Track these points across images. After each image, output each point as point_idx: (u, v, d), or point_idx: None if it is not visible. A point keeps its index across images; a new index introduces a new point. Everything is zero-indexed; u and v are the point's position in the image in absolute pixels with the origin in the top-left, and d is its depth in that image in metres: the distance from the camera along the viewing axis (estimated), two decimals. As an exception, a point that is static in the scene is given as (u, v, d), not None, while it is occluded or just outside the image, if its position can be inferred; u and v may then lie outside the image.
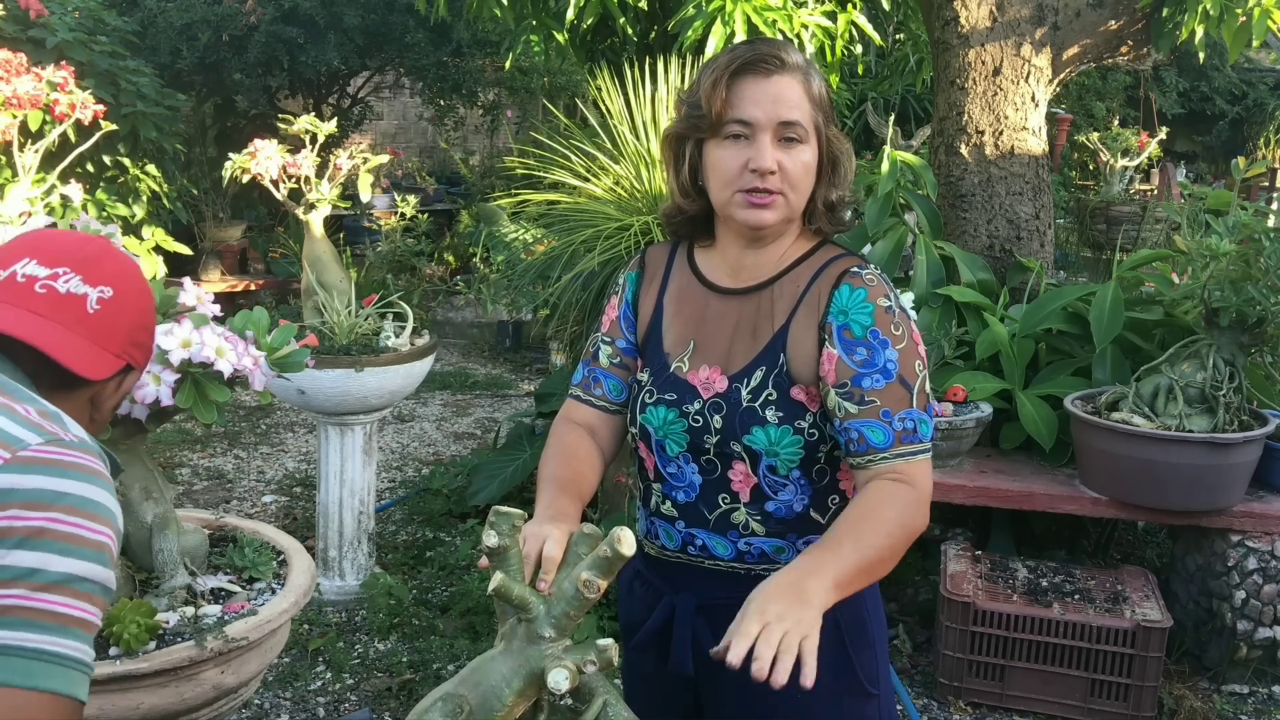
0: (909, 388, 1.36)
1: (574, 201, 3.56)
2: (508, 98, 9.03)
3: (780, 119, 1.36)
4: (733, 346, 1.44)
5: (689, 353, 1.46)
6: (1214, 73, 10.94)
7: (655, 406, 1.46)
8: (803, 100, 1.37)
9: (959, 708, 2.88)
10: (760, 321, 1.43)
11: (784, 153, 1.36)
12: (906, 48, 5.62)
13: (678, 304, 1.50)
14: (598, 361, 1.55)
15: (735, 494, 1.43)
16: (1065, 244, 7.33)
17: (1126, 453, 2.82)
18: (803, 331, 1.40)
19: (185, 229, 6.19)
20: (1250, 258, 2.79)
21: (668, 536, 1.49)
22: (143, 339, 1.26)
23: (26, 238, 1.26)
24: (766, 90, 1.36)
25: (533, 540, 1.24)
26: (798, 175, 1.38)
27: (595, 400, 1.54)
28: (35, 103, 3.71)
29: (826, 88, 1.42)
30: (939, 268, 3.48)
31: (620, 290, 1.57)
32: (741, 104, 1.36)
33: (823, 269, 1.42)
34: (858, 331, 1.37)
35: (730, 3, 3.44)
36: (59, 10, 5.03)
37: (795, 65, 1.38)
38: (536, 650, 1.16)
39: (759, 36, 1.42)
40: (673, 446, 1.45)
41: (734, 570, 1.45)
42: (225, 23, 6.82)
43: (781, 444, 1.39)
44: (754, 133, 1.36)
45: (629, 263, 1.60)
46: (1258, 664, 2.95)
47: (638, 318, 1.54)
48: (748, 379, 1.41)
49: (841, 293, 1.39)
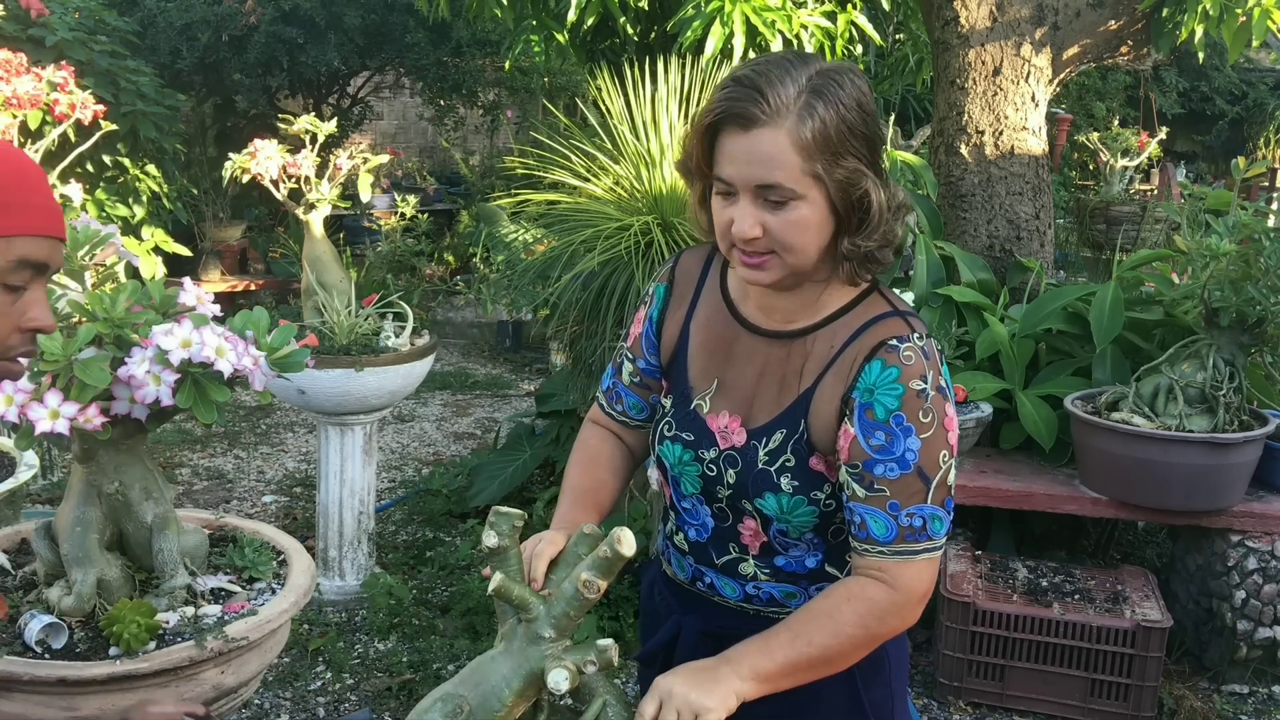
0: (927, 481, 1.23)
1: (574, 201, 3.56)
2: (508, 98, 9.03)
3: (756, 182, 1.19)
4: (756, 396, 1.34)
5: (712, 391, 1.37)
6: (1214, 73, 10.94)
7: (673, 442, 1.39)
8: (787, 155, 1.17)
9: (959, 708, 2.88)
10: (788, 375, 1.31)
11: (770, 214, 1.20)
12: (906, 48, 5.62)
13: (705, 333, 1.39)
14: (621, 376, 1.49)
15: (745, 547, 1.37)
16: (1065, 244, 7.33)
17: (1126, 453, 2.82)
18: (827, 401, 1.28)
19: (185, 229, 6.19)
20: (1250, 258, 2.79)
21: (679, 567, 1.47)
22: None
23: None
24: (742, 147, 1.19)
25: (529, 544, 1.25)
26: (789, 236, 1.21)
27: (616, 414, 1.50)
28: (35, 103, 3.70)
29: (842, 115, 1.19)
30: (939, 268, 3.48)
31: (647, 303, 1.46)
32: (720, 160, 1.22)
33: (860, 331, 1.27)
34: (880, 414, 1.23)
35: (729, 3, 3.44)
36: (59, 10, 5.03)
37: (778, 110, 1.17)
38: (536, 650, 1.16)
39: (752, 67, 1.21)
40: (688, 486, 1.40)
41: (743, 609, 1.40)
42: (225, 23, 6.82)
43: (794, 513, 1.31)
44: (736, 192, 1.21)
45: (662, 270, 1.48)
46: (1258, 664, 2.95)
47: (661, 339, 1.44)
48: (767, 438, 1.31)
49: (873, 368, 1.24)
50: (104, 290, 2.11)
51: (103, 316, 1.92)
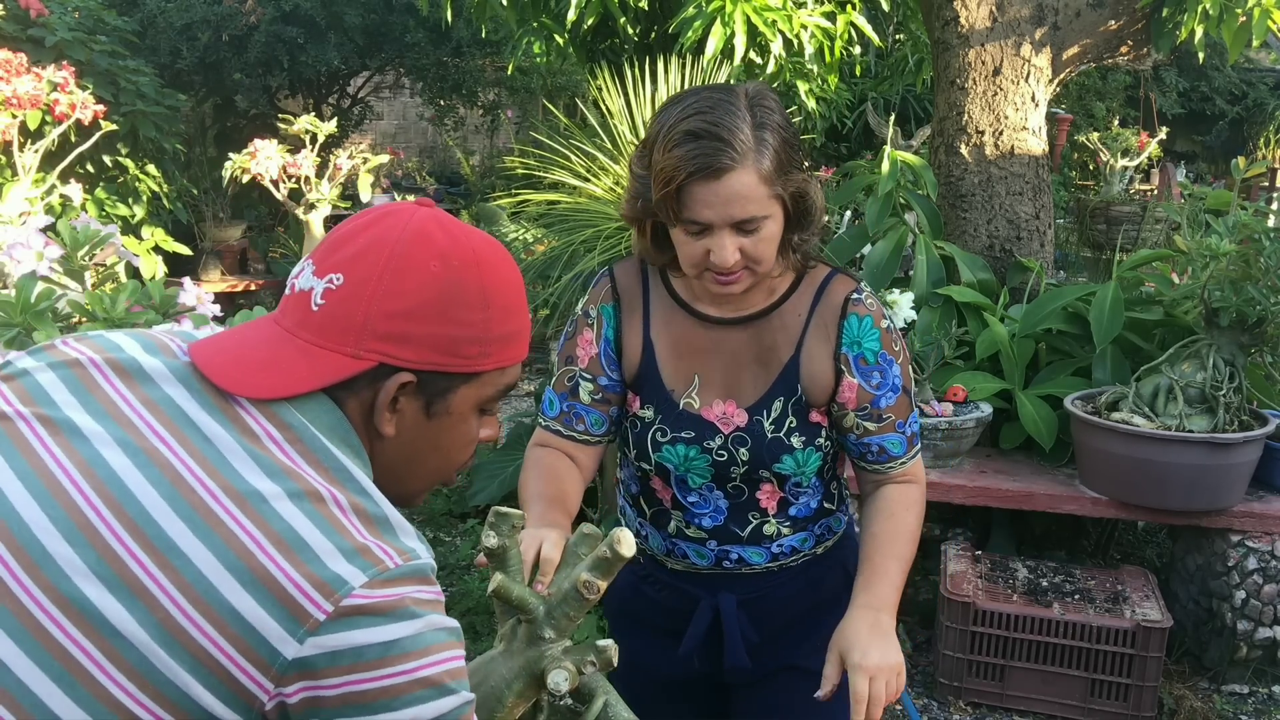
0: (909, 394, 1.48)
1: (574, 201, 3.56)
2: (508, 98, 9.04)
3: (734, 220, 1.30)
4: (740, 377, 1.45)
5: (696, 387, 1.46)
6: (1214, 73, 10.95)
7: (673, 445, 1.46)
8: (756, 188, 1.29)
9: (959, 708, 2.88)
10: (764, 352, 1.45)
11: (745, 238, 1.32)
12: (906, 48, 5.63)
13: (668, 336, 1.47)
14: (577, 397, 1.50)
15: (764, 510, 1.50)
16: (1065, 244, 7.33)
17: (1126, 453, 2.82)
18: (816, 360, 1.44)
19: (185, 229, 6.19)
20: (1250, 258, 2.79)
21: (698, 555, 1.53)
22: (403, 328, 0.90)
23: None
24: (716, 191, 1.28)
25: (529, 542, 1.25)
26: (761, 252, 1.34)
27: (577, 435, 1.51)
28: (35, 103, 3.71)
29: (781, 135, 1.31)
30: (939, 268, 3.48)
31: (595, 324, 1.50)
32: (693, 206, 1.30)
33: (820, 294, 1.45)
34: (871, 359, 1.44)
35: (730, 3, 3.44)
36: (59, 10, 5.04)
37: (743, 152, 1.27)
38: (536, 651, 1.16)
39: (703, 120, 1.29)
40: (695, 479, 1.48)
41: (769, 570, 1.53)
42: (225, 23, 6.83)
43: (807, 464, 1.47)
44: (712, 230, 1.32)
45: (596, 290, 1.53)
46: (1258, 664, 2.95)
47: (622, 354, 1.49)
48: (767, 410, 1.44)
49: (850, 323, 1.43)
50: (104, 290, 2.12)
51: (103, 316, 1.92)
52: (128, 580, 0.78)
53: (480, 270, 0.93)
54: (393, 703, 0.81)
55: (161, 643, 0.78)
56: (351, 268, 0.91)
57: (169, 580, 0.78)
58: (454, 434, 0.98)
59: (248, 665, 0.79)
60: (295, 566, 0.80)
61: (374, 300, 0.90)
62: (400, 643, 0.81)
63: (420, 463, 0.99)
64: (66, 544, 0.79)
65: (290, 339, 0.91)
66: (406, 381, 0.92)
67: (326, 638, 0.79)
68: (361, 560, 0.82)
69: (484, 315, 0.93)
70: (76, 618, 0.78)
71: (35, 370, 0.90)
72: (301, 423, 0.88)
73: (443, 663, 0.84)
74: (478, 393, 0.97)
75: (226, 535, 0.80)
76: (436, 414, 0.96)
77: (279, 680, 0.80)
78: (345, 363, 0.90)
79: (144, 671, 0.78)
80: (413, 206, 0.96)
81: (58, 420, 0.85)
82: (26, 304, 1.93)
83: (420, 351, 0.91)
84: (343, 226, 0.96)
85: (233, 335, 0.94)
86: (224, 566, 0.79)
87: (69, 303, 2.06)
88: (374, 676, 0.81)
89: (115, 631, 0.78)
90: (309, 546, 0.81)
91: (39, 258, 2.15)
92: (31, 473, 0.83)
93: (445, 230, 0.94)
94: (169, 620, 0.78)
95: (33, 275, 2.02)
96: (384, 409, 0.92)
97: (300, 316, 0.92)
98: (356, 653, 0.80)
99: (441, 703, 0.84)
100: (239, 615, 0.78)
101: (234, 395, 0.88)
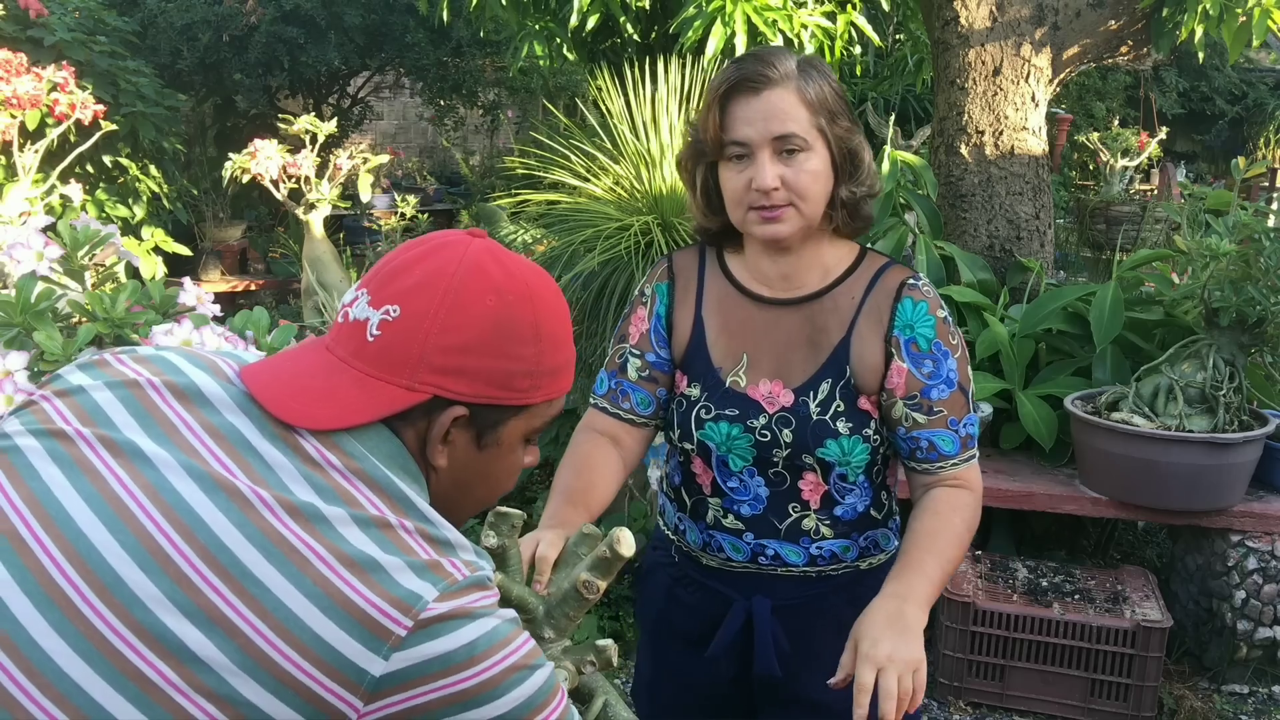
0: (966, 393, 1.42)
1: (574, 201, 3.56)
2: (508, 98, 9.03)
3: (773, 134, 1.34)
4: (790, 358, 1.43)
5: (744, 366, 1.45)
6: (1214, 73, 10.95)
7: (716, 423, 1.44)
8: (797, 109, 1.34)
9: (959, 708, 2.88)
10: (816, 334, 1.43)
11: (786, 166, 1.35)
12: (906, 48, 5.62)
13: (720, 316, 1.48)
14: (625, 374, 1.52)
15: (805, 502, 1.45)
16: (1065, 244, 7.33)
17: (1126, 453, 2.82)
18: (867, 344, 1.41)
19: (185, 229, 6.18)
20: (1250, 258, 2.79)
21: (734, 549, 1.49)
22: (458, 362, 0.91)
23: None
24: (757, 108, 1.34)
25: (527, 542, 1.25)
26: (804, 185, 1.36)
27: (623, 413, 1.52)
28: (35, 103, 3.71)
29: (831, 86, 1.38)
30: (939, 268, 3.48)
31: (649, 302, 1.53)
32: (734, 125, 1.36)
33: (876, 279, 1.43)
34: (924, 345, 1.40)
35: (730, 3, 3.44)
36: (58, 10, 5.04)
37: (785, 75, 1.35)
38: (536, 650, 1.16)
39: (751, 51, 1.39)
40: (736, 461, 1.45)
41: (806, 574, 1.48)
42: (225, 23, 6.82)
43: (853, 453, 1.42)
44: (753, 151, 1.35)
45: (654, 272, 1.56)
46: (1258, 664, 2.95)
47: (672, 332, 1.51)
48: (814, 391, 1.41)
49: (904, 306, 1.41)
50: (104, 290, 2.12)
51: (103, 316, 1.92)
52: (205, 608, 0.79)
53: (534, 305, 0.95)
54: (494, 692, 0.86)
55: (243, 667, 0.79)
56: (408, 300, 0.92)
57: (248, 608, 0.79)
58: (502, 464, 1.00)
59: (335, 686, 0.81)
60: (370, 588, 0.82)
61: (430, 334, 0.91)
62: (480, 640, 0.85)
63: (469, 491, 1.01)
64: (140, 571, 0.80)
65: (345, 368, 0.92)
66: (460, 415, 0.93)
67: (411, 650, 0.82)
68: (432, 575, 0.84)
69: (536, 349, 0.95)
70: (152, 643, 0.78)
71: (92, 389, 0.90)
72: (362, 452, 0.89)
73: (522, 647, 0.89)
74: (526, 424, 0.99)
75: (300, 562, 0.81)
76: (487, 445, 0.97)
77: (369, 697, 0.82)
78: (400, 395, 0.91)
79: (225, 695, 0.79)
80: (467, 238, 0.97)
81: (120, 443, 0.86)
82: (26, 304, 1.93)
83: (474, 385, 0.93)
84: (398, 255, 0.97)
85: (285, 362, 0.95)
86: (301, 593, 0.80)
87: (69, 303, 2.06)
88: (469, 675, 0.85)
89: (194, 656, 0.78)
90: (381, 567, 0.83)
91: (39, 258, 2.15)
92: (98, 495, 0.83)
93: (500, 263, 0.95)
94: (250, 647, 0.79)
95: (33, 275, 2.02)
96: (437, 441, 0.94)
97: (355, 346, 0.93)
98: (445, 659, 0.83)
99: (535, 678, 0.89)
100: (321, 640, 0.80)
101: (292, 425, 0.89)
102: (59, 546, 0.81)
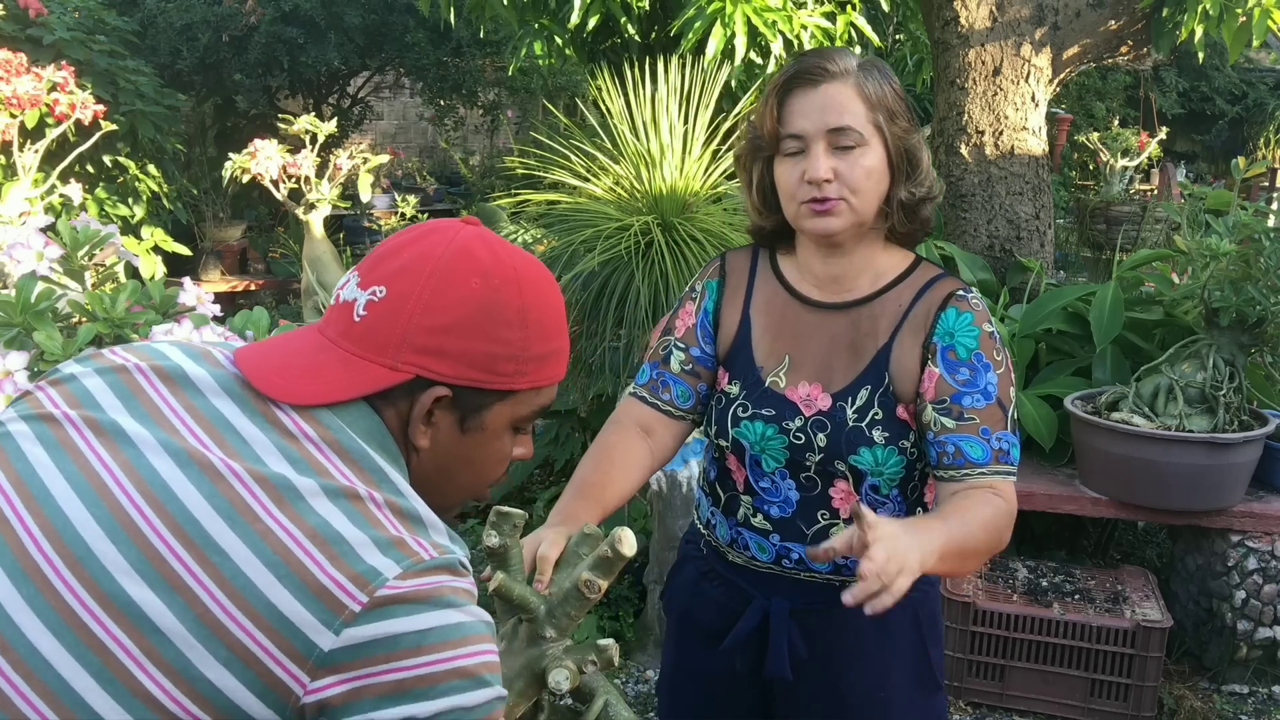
0: (1005, 410, 1.36)
1: (574, 201, 3.56)
2: (508, 98, 9.03)
3: (829, 127, 1.34)
4: (832, 363, 1.42)
5: (785, 367, 1.44)
6: (1214, 73, 10.95)
7: (751, 421, 1.44)
8: (854, 103, 1.34)
9: (959, 707, 2.88)
10: (860, 339, 1.41)
11: (840, 160, 1.35)
12: (906, 48, 5.63)
13: (767, 316, 1.48)
14: (668, 366, 1.52)
15: (835, 510, 1.43)
16: (1065, 244, 7.33)
17: (1126, 453, 2.82)
18: (907, 351, 1.39)
19: (185, 229, 6.18)
20: (1250, 258, 2.79)
21: (759, 549, 1.49)
22: (440, 343, 0.92)
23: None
24: (814, 101, 1.35)
25: (529, 541, 1.25)
26: (857, 180, 1.35)
27: (661, 404, 1.52)
28: (35, 102, 3.71)
29: (892, 86, 1.38)
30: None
31: (698, 297, 1.53)
32: (791, 118, 1.36)
33: (925, 289, 1.41)
34: (963, 354, 1.37)
35: (730, 4, 3.44)
36: (58, 10, 5.04)
37: (843, 71, 1.35)
38: (537, 650, 1.16)
39: (813, 49, 1.40)
40: (769, 462, 1.44)
41: (830, 582, 1.46)
42: (225, 23, 6.83)
43: (887, 464, 1.39)
44: (807, 144, 1.35)
45: (706, 269, 1.57)
46: (1258, 664, 2.95)
47: (719, 328, 1.51)
48: (852, 398, 1.39)
49: (948, 315, 1.38)
50: (104, 290, 2.12)
51: (103, 316, 1.92)
52: (167, 576, 0.80)
53: (521, 289, 0.95)
54: (429, 691, 0.82)
55: (199, 637, 0.79)
56: (394, 281, 0.93)
57: (207, 575, 0.80)
58: (487, 450, 1.00)
59: (284, 658, 0.80)
60: (331, 560, 0.81)
61: (414, 314, 0.92)
62: (436, 631, 0.83)
63: (453, 477, 1.00)
64: (110, 542, 0.81)
65: (332, 348, 0.94)
66: (442, 395, 0.93)
67: (362, 628, 0.80)
68: (396, 552, 0.83)
69: (522, 334, 0.95)
70: (117, 615, 0.79)
71: (83, 375, 0.93)
72: (340, 426, 0.89)
73: (478, 655, 0.85)
74: (512, 411, 0.98)
75: (263, 531, 0.81)
76: (471, 429, 0.97)
77: (315, 673, 0.80)
78: (383, 374, 0.91)
79: (180, 668, 0.79)
80: (459, 224, 0.97)
81: (104, 423, 0.88)
82: (26, 304, 1.93)
83: (457, 367, 0.93)
84: (389, 241, 0.97)
85: (277, 342, 0.96)
86: (261, 562, 0.80)
87: (69, 303, 2.06)
88: (411, 665, 0.82)
89: (154, 628, 0.79)
90: (344, 540, 0.82)
91: (39, 258, 2.15)
92: (78, 473, 0.85)
93: (489, 248, 0.95)
94: (207, 615, 0.79)
95: (33, 275, 2.02)
96: (419, 421, 0.94)
97: (343, 327, 0.94)
98: (392, 641, 0.81)
99: (476, 694, 0.84)
100: (275, 609, 0.80)
101: (275, 401, 0.90)
102: (38, 523, 0.82)
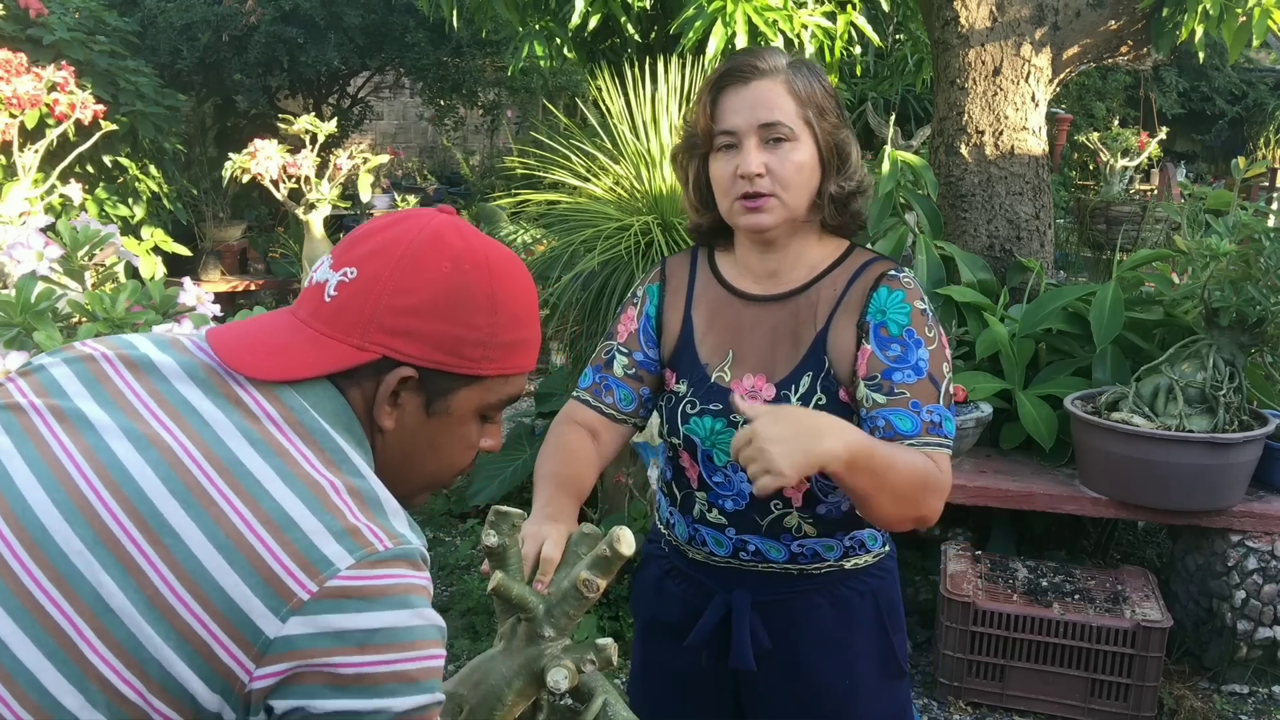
0: (937, 385, 1.38)
1: (574, 201, 3.56)
2: (508, 98, 9.03)
3: (760, 122, 1.37)
4: (774, 353, 1.45)
5: (729, 362, 1.47)
6: (1214, 73, 10.95)
7: (700, 417, 1.46)
8: (784, 99, 1.38)
9: (959, 708, 2.88)
10: (799, 328, 1.44)
11: (771, 154, 1.38)
12: (906, 48, 5.62)
13: (708, 314, 1.51)
14: (611, 370, 1.55)
15: (788, 500, 1.45)
16: (1065, 244, 7.33)
17: (1126, 453, 2.82)
18: (842, 333, 1.41)
19: (185, 229, 6.19)
20: (1250, 258, 2.79)
21: (717, 544, 1.50)
22: (408, 324, 0.92)
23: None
24: (745, 98, 1.38)
25: (531, 540, 1.25)
26: (788, 174, 1.38)
27: (604, 407, 1.54)
28: (35, 102, 3.71)
29: (821, 84, 1.41)
30: (939, 268, 3.48)
31: (640, 303, 1.56)
32: (724, 115, 1.40)
33: (860, 272, 1.44)
34: (894, 330, 1.39)
35: (731, 3, 3.44)
36: (58, 10, 5.04)
37: (774, 69, 1.39)
38: (536, 649, 1.16)
39: (746, 48, 1.44)
40: (720, 456, 1.46)
41: (787, 570, 1.49)
42: (225, 23, 6.83)
43: None
44: (740, 139, 1.38)
45: (647, 275, 1.59)
46: (1258, 664, 2.95)
47: (662, 332, 1.54)
48: (795, 385, 1.42)
49: (880, 294, 1.41)
50: (104, 290, 2.12)
51: (103, 316, 1.92)
52: (120, 556, 0.80)
53: (491, 275, 0.95)
54: (365, 690, 0.82)
55: (148, 618, 0.79)
56: (366, 263, 0.94)
57: (159, 556, 0.80)
58: (452, 435, 0.99)
59: (230, 643, 0.80)
60: (283, 545, 0.81)
61: (383, 295, 0.92)
62: (383, 632, 0.82)
63: (418, 461, 1.00)
64: (65, 523, 0.81)
65: (303, 328, 0.94)
66: (407, 376, 0.93)
67: (310, 618, 0.80)
68: (350, 541, 0.83)
69: (490, 320, 0.95)
70: (70, 594, 0.80)
71: (51, 365, 0.94)
72: (302, 405, 0.90)
73: (422, 659, 0.84)
74: (479, 397, 0.98)
75: (217, 514, 0.81)
76: (436, 413, 0.97)
77: (260, 659, 0.80)
78: (349, 353, 0.92)
79: (131, 649, 0.79)
80: (433, 211, 0.98)
81: (67, 410, 0.88)
82: (26, 304, 1.93)
83: (423, 348, 0.93)
84: (364, 226, 0.98)
85: (250, 323, 0.97)
86: (212, 544, 0.80)
87: (69, 303, 2.06)
88: (353, 662, 0.81)
89: (106, 608, 0.79)
90: (298, 526, 0.82)
91: (39, 258, 2.15)
92: (39, 459, 0.85)
93: (461, 235, 0.96)
94: (157, 597, 0.79)
95: (33, 275, 2.02)
96: (384, 402, 0.94)
97: (313, 307, 0.95)
98: (339, 636, 0.81)
99: (413, 699, 0.84)
100: (224, 593, 0.79)
101: (239, 378, 0.90)
102: None
